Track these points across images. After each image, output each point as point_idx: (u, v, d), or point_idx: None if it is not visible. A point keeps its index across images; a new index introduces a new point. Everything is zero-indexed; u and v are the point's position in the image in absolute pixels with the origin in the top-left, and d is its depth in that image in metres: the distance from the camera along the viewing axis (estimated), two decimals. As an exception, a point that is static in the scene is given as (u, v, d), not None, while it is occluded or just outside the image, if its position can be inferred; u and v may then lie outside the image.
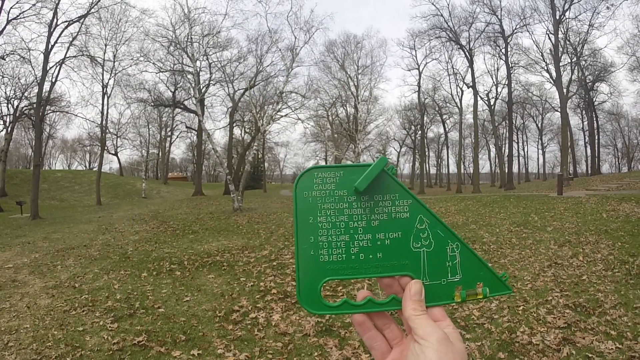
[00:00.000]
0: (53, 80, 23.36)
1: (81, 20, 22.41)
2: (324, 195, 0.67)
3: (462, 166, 56.36)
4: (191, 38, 21.01)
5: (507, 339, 4.51)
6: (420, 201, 0.68)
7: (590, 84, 42.28)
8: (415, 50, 45.45)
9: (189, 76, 22.91)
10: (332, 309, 0.64)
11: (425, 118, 51.33)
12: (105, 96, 30.50)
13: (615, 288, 6.02)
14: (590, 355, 4.05)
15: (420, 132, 51.94)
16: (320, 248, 0.65)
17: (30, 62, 24.57)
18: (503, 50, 38.96)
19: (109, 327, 5.26)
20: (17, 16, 20.90)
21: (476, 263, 0.67)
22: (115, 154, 50.05)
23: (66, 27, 21.94)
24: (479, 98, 40.45)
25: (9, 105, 33.63)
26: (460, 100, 44.98)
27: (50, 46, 20.78)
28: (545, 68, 37.52)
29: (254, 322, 5.31)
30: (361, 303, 0.64)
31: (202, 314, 5.70)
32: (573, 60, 37.82)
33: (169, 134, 55.80)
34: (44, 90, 21.97)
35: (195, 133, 43.15)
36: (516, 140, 58.65)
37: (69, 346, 4.73)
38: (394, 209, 0.67)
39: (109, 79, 30.32)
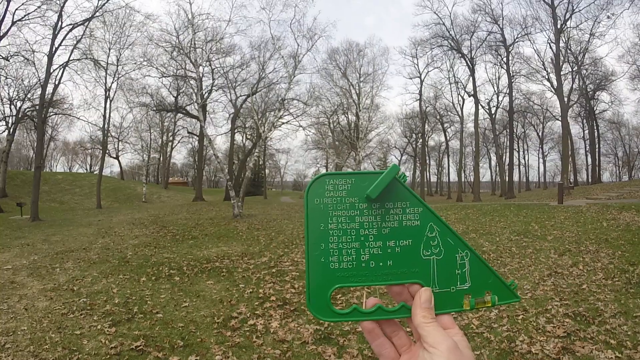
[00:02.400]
0: (56, 82, 23.44)
1: (85, 24, 22.55)
2: (335, 202, 0.67)
3: (463, 174, 56.27)
4: (194, 43, 21.10)
5: (506, 348, 4.49)
6: (431, 209, 0.68)
7: (591, 92, 42.33)
8: (417, 59, 45.59)
9: (192, 81, 23.00)
10: (341, 316, 0.64)
11: (426, 126, 51.35)
12: (108, 100, 30.62)
13: (615, 297, 6.00)
14: (589, 365, 4.03)
15: (421, 140, 51.98)
16: (330, 255, 0.65)
17: (34, 64, 24.61)
18: (504, 59, 39.05)
19: (107, 331, 5.25)
20: (22, 18, 20.97)
21: (485, 271, 0.67)
22: (117, 158, 50.23)
23: (70, 30, 22.08)
24: (480, 107, 40.46)
25: (12, 107, 33.73)
26: (462, 108, 45.04)
27: (54, 48, 20.88)
28: (547, 77, 37.58)
29: (253, 329, 5.29)
30: (371, 310, 0.64)
31: (200, 320, 5.69)
32: (574, 69, 37.89)
33: (171, 138, 55.94)
34: (46, 93, 22.03)
35: (197, 138, 43.32)
36: (517, 149, 58.66)
37: (66, 349, 4.71)
38: (405, 217, 0.67)
39: (112, 82, 30.50)
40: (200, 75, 22.31)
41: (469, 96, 41.60)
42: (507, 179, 41.62)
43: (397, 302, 0.66)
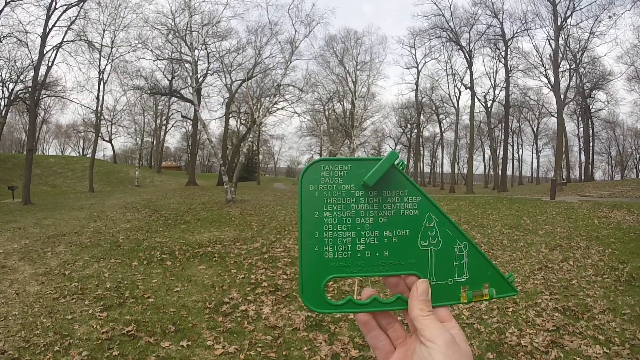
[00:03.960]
0: (49, 64, 23.09)
1: (80, 5, 22.20)
2: (330, 189, 0.65)
3: (456, 166, 56.37)
4: (190, 27, 20.85)
5: (496, 339, 4.53)
6: (430, 198, 0.66)
7: (587, 91, 42.48)
8: (415, 49, 45.54)
9: (187, 65, 22.73)
10: (335, 307, 0.62)
11: (421, 117, 51.44)
12: (102, 82, 30.31)
13: (604, 293, 6.06)
14: (578, 358, 4.08)
15: (416, 130, 52.15)
16: (325, 244, 0.63)
17: (27, 45, 24.23)
18: (503, 53, 38.99)
19: (98, 316, 5.24)
20: (16, -2, 20.65)
21: (483, 263, 0.66)
22: (110, 141, 49.97)
23: (65, 11, 21.74)
24: (476, 99, 40.50)
25: (4, 89, 33.30)
26: (458, 100, 45.07)
27: (47, 30, 20.57)
28: (544, 73, 37.65)
29: (244, 315, 5.30)
30: (366, 302, 0.62)
31: (192, 305, 5.69)
32: (572, 67, 37.94)
33: (164, 122, 55.45)
34: (39, 74, 21.75)
35: (191, 123, 43.01)
36: (511, 143, 58.98)
37: (58, 334, 4.70)
38: (403, 206, 0.65)
39: (106, 65, 30.17)
40: (196, 58, 22.10)
41: (466, 88, 41.65)
42: (500, 173, 41.79)
43: (393, 293, 0.64)
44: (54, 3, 20.55)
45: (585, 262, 7.84)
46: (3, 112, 33.15)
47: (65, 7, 21.53)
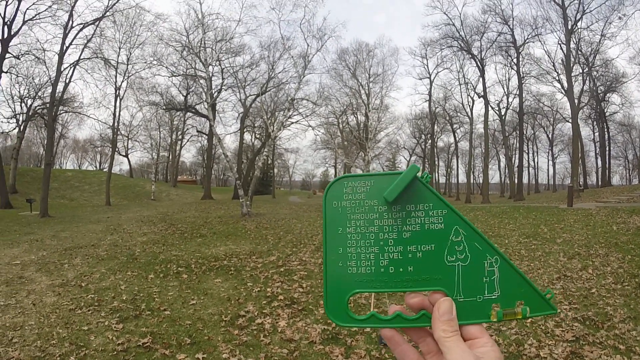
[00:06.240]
0: (67, 81, 23.59)
1: (96, 23, 22.73)
2: (353, 205, 0.65)
3: (472, 176, 55.86)
4: (204, 43, 21.19)
5: (514, 351, 4.46)
6: (457, 211, 0.64)
7: (601, 94, 41.88)
8: (427, 59, 45.42)
9: (201, 81, 23.03)
10: (359, 322, 0.62)
11: (435, 127, 51.15)
12: (118, 98, 30.87)
13: (624, 302, 5.93)
14: (599, 370, 3.99)
15: (430, 141, 51.79)
16: (348, 259, 0.63)
17: (45, 62, 24.93)
18: (515, 60, 38.79)
19: (114, 327, 5.27)
20: (33, 17, 21.24)
21: (517, 279, 0.63)
22: (126, 156, 50.54)
23: (81, 30, 22.27)
24: (489, 108, 40.22)
25: (23, 104, 34.07)
26: (471, 109, 44.88)
27: (65, 47, 21.06)
28: (557, 78, 37.32)
29: (260, 328, 5.29)
30: (389, 317, 0.61)
31: (208, 318, 5.70)
32: (585, 71, 37.49)
33: (180, 137, 56.27)
34: (57, 91, 22.22)
35: (206, 137, 43.47)
36: (526, 151, 58.29)
37: (73, 345, 4.74)
38: (428, 220, 0.64)
39: (122, 81, 30.78)
40: (210, 74, 22.40)
41: (479, 97, 41.41)
42: (516, 181, 41.38)
43: (416, 312, 0.62)
44: (70, 22, 21.08)
45: (605, 270, 7.69)
46: (22, 128, 33.86)
47: (81, 25, 22.08)
